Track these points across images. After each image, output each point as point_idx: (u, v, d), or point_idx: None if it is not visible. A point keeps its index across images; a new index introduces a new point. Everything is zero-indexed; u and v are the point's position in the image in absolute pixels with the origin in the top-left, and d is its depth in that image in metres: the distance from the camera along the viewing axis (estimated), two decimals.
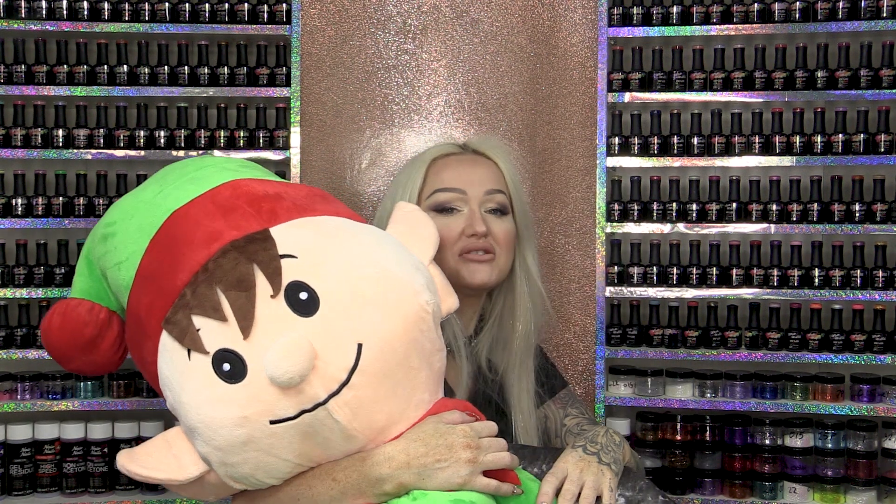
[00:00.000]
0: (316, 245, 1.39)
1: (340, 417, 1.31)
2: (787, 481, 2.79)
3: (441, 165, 1.85)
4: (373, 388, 1.33)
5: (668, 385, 2.85)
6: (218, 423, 1.31)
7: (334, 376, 1.31)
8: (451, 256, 1.77)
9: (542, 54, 3.01)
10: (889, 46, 2.81)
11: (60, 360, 1.57)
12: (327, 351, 1.30)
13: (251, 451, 1.31)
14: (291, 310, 1.32)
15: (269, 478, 1.36)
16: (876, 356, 2.74)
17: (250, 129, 2.91)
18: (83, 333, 1.53)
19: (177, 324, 1.34)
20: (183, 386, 1.34)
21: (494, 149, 1.90)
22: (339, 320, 1.32)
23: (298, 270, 1.34)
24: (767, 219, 2.81)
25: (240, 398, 1.29)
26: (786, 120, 2.88)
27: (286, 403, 1.29)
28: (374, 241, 1.45)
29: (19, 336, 2.81)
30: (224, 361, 1.30)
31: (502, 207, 1.83)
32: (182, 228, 1.43)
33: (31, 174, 2.91)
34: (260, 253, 1.35)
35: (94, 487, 2.79)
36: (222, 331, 1.31)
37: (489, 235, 1.79)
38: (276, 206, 1.44)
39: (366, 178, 3.05)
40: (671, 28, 2.84)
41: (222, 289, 1.33)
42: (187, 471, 1.36)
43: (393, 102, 3.04)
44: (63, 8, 2.86)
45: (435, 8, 3.03)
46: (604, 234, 2.86)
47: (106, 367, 1.58)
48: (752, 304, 2.85)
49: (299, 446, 1.33)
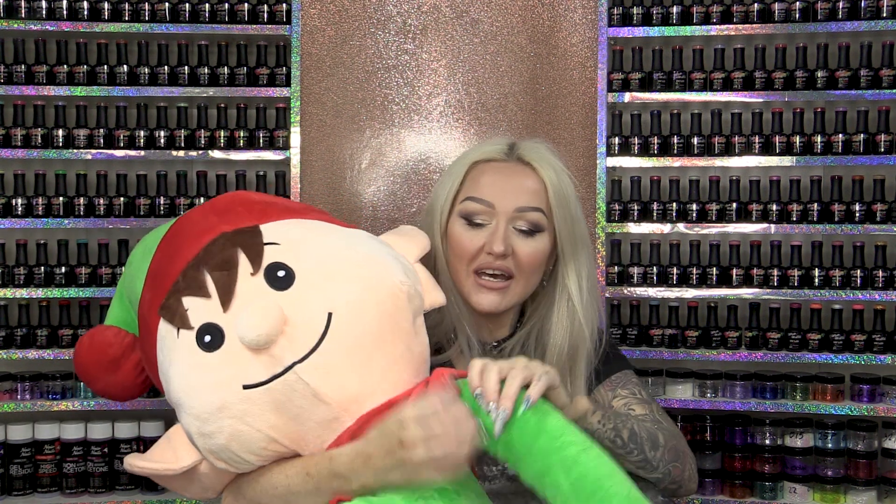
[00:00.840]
0: (301, 236, 1.47)
1: (310, 380, 1.34)
2: (788, 481, 2.79)
3: (481, 170, 1.74)
4: (343, 355, 1.37)
5: (668, 385, 2.85)
6: (196, 389, 1.38)
7: (304, 342, 1.36)
8: (465, 273, 1.70)
9: (542, 54, 3.01)
10: (889, 46, 2.81)
11: (87, 380, 1.68)
12: (298, 318, 1.37)
13: (225, 418, 1.37)
14: (269, 286, 1.39)
15: (244, 451, 1.39)
16: (876, 356, 2.73)
17: (250, 129, 2.91)
18: (107, 353, 1.63)
19: (169, 308, 1.43)
20: (171, 362, 1.42)
21: (542, 160, 1.74)
22: (312, 291, 1.39)
23: (279, 254, 1.42)
24: (767, 219, 2.81)
25: (215, 363, 1.37)
26: (786, 120, 2.88)
27: (257, 367, 1.35)
28: (359, 235, 1.52)
29: (19, 336, 2.81)
30: (206, 334, 1.38)
31: (535, 226, 1.70)
32: (181, 229, 1.53)
33: (31, 174, 2.91)
34: (245, 239, 1.44)
35: (94, 487, 2.79)
36: (206, 307, 1.39)
37: (510, 256, 1.68)
38: (269, 209, 1.53)
39: (366, 178, 3.05)
40: (671, 28, 2.84)
41: (208, 270, 1.41)
42: (181, 460, 1.43)
43: (393, 102, 3.04)
44: (63, 8, 2.86)
45: (435, 8, 3.03)
46: (604, 234, 2.86)
47: (129, 390, 1.67)
48: (752, 304, 2.85)
49: (273, 418, 1.37)
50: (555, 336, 1.73)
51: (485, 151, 1.78)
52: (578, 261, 1.75)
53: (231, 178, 2.96)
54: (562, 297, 1.74)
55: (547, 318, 1.75)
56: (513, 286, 1.71)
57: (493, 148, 1.78)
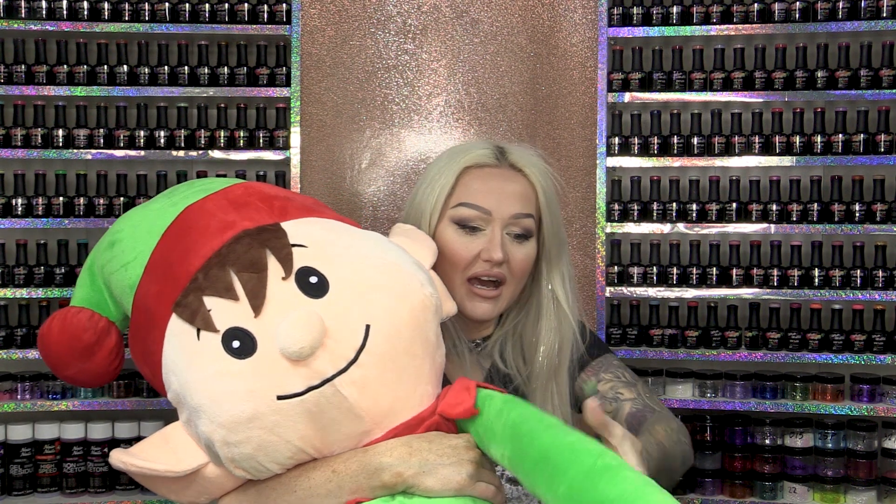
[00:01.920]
0: (325, 238, 1.43)
1: (348, 394, 1.32)
2: (787, 481, 2.79)
3: (473, 175, 1.75)
4: (379, 369, 1.35)
5: (668, 385, 2.85)
6: (224, 397, 1.32)
7: (343, 354, 1.32)
8: (460, 279, 1.70)
9: (542, 54, 3.01)
10: (889, 46, 2.81)
11: (56, 367, 1.58)
12: (337, 329, 1.33)
13: (255, 428, 1.32)
14: (302, 292, 1.35)
15: (269, 461, 1.36)
16: (876, 356, 2.74)
17: (250, 129, 2.91)
18: (82, 339, 1.54)
19: (188, 306, 1.37)
20: (191, 365, 1.36)
21: (532, 166, 1.77)
22: (348, 302, 1.35)
23: (308, 258, 1.38)
24: (767, 219, 2.81)
25: (248, 372, 1.31)
26: (786, 120, 2.88)
27: (294, 378, 1.31)
28: (378, 239, 1.50)
29: (19, 336, 2.81)
30: (234, 339, 1.33)
31: (526, 232, 1.73)
32: (195, 219, 1.47)
33: (31, 174, 2.91)
34: (272, 240, 1.39)
35: (94, 487, 2.79)
36: (233, 310, 1.34)
37: (505, 263, 1.70)
38: (287, 205, 1.49)
39: (366, 178, 3.05)
40: (671, 28, 2.84)
41: (235, 270, 1.36)
42: (184, 462, 1.37)
43: (393, 102, 3.04)
44: (63, 8, 2.86)
45: (435, 8, 3.03)
46: (604, 234, 2.86)
47: (100, 378, 1.59)
48: (752, 304, 2.85)
49: (304, 428, 1.34)
50: (546, 337, 1.76)
51: (475, 156, 1.77)
52: (562, 262, 1.78)
53: (231, 178, 2.95)
54: (549, 299, 1.77)
55: (535, 320, 1.77)
56: (504, 292, 1.72)
57: (482, 153, 1.78)
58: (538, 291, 1.78)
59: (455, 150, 1.82)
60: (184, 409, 1.39)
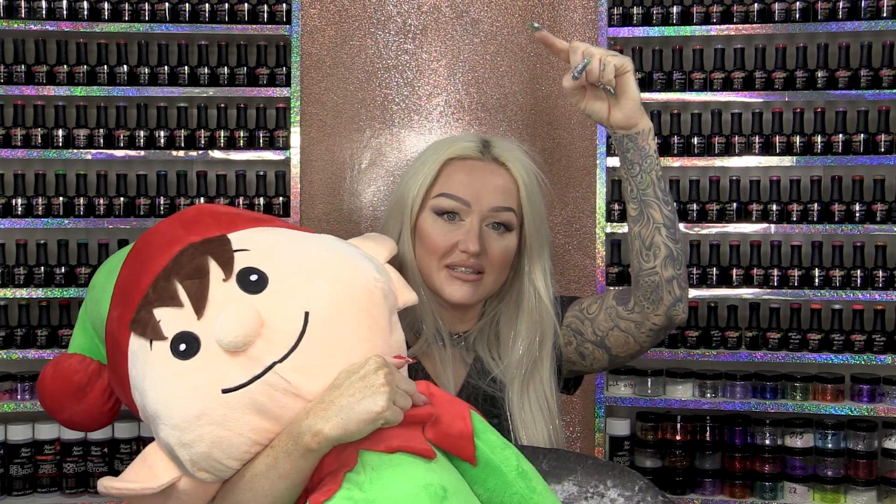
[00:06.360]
0: (270, 242, 1.47)
1: (292, 379, 1.34)
2: (788, 481, 2.79)
3: (456, 167, 1.78)
4: (323, 353, 1.37)
5: (668, 385, 2.85)
6: (172, 399, 1.36)
7: (282, 342, 1.35)
8: (437, 266, 1.73)
9: (542, 54, 3.01)
10: (889, 46, 2.81)
11: (53, 410, 1.63)
12: (275, 319, 1.35)
13: (205, 424, 1.35)
14: (243, 290, 1.38)
15: (226, 457, 1.38)
16: (876, 356, 2.73)
17: (250, 129, 2.91)
18: (73, 381, 1.58)
19: (140, 321, 1.41)
20: (146, 375, 1.39)
21: (516, 160, 1.80)
22: (287, 293, 1.38)
23: (251, 259, 1.42)
24: (767, 219, 2.81)
25: (192, 371, 1.35)
26: (786, 120, 2.88)
27: (236, 370, 1.34)
28: (328, 239, 1.53)
29: (19, 336, 2.81)
30: (181, 342, 1.36)
31: (507, 224, 1.76)
32: (147, 242, 1.52)
33: (31, 174, 2.91)
34: (216, 249, 1.43)
35: (93, 487, 2.79)
36: (179, 316, 1.37)
37: (482, 254, 1.73)
38: (236, 219, 1.53)
39: (366, 178, 3.05)
40: (671, 28, 2.84)
41: (179, 280, 1.40)
42: (158, 478, 1.40)
43: (393, 102, 3.04)
44: (63, 8, 2.86)
45: (435, 8, 3.03)
46: (604, 234, 2.86)
47: (95, 419, 1.63)
48: (752, 304, 2.85)
49: (254, 420, 1.36)
50: (526, 330, 1.79)
51: (459, 148, 1.80)
52: (543, 257, 1.81)
53: (231, 178, 2.96)
54: (531, 293, 1.80)
55: (515, 313, 1.80)
56: (484, 280, 1.75)
57: (467, 145, 1.81)
58: (519, 285, 1.81)
59: (441, 142, 1.84)
60: (149, 422, 1.43)
